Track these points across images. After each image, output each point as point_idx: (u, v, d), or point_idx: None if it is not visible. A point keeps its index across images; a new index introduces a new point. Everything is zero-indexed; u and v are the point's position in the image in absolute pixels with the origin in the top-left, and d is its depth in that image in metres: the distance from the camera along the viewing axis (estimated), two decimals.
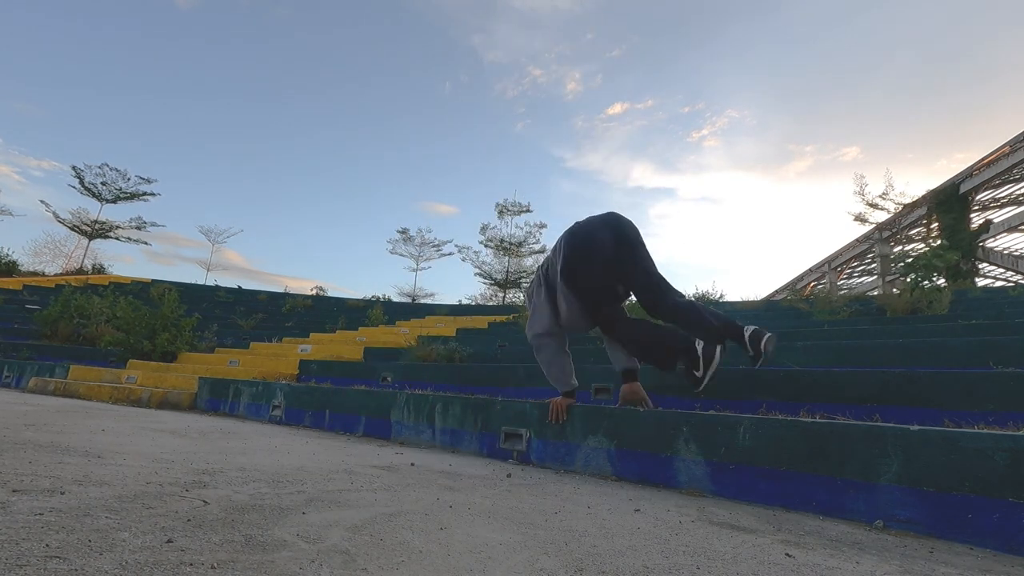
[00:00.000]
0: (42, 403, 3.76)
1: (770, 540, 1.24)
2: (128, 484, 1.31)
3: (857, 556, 1.15)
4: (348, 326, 9.85)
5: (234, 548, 0.89)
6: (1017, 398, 2.00)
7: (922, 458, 1.44)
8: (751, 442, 1.78)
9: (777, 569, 1.02)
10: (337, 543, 0.97)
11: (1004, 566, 1.15)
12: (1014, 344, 2.67)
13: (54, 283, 14.27)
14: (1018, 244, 15.52)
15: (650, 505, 1.60)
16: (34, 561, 0.74)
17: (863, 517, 1.50)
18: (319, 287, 20.90)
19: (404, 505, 1.35)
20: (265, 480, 1.53)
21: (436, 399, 2.89)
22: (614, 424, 2.16)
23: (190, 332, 7.19)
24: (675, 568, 0.99)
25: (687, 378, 2.39)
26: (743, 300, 9.45)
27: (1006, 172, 14.34)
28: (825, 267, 22.22)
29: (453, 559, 0.94)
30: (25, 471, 1.35)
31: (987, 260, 15.17)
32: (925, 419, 2.12)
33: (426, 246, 24.62)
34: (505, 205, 23.85)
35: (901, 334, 3.87)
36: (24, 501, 1.06)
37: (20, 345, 7.34)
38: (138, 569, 0.75)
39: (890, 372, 2.36)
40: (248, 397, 4.06)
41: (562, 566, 0.95)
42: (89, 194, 21.51)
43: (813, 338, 4.24)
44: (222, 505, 1.18)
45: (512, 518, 1.30)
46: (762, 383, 2.69)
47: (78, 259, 21.68)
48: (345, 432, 3.27)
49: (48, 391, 5.14)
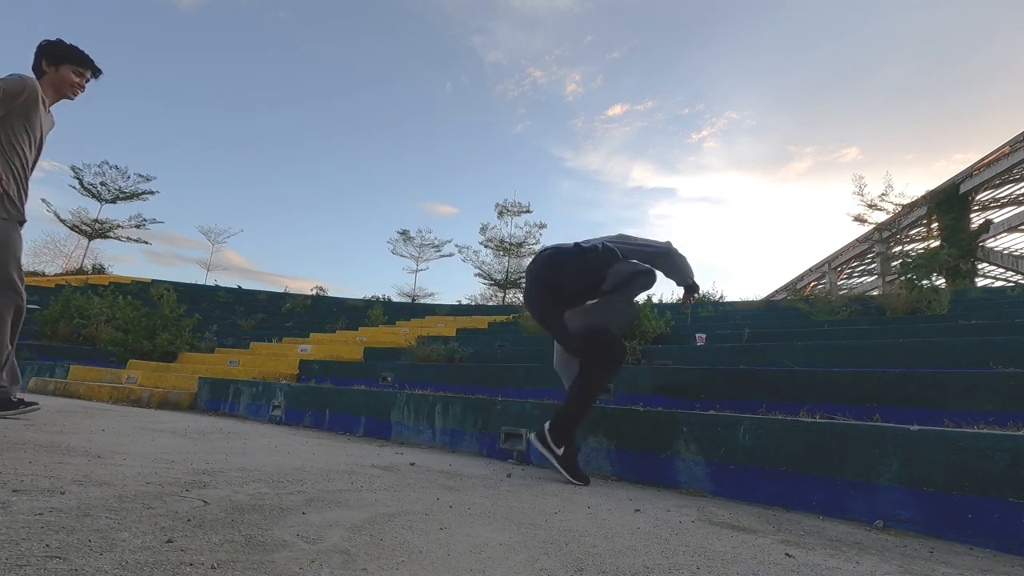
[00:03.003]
0: (42, 403, 3.76)
1: (770, 540, 1.24)
2: (128, 484, 1.31)
3: (857, 556, 1.15)
4: (348, 326, 9.85)
5: (234, 548, 0.89)
6: (1017, 398, 2.00)
7: (922, 458, 1.44)
8: (751, 442, 1.78)
9: (777, 569, 1.02)
10: (337, 543, 0.97)
11: (1004, 566, 1.15)
12: (1014, 344, 2.67)
13: (54, 283, 14.27)
14: (1018, 244, 15.51)
15: (650, 505, 1.60)
16: (34, 561, 0.74)
17: (863, 517, 1.50)
18: (319, 287, 20.89)
19: (404, 505, 1.35)
20: (265, 480, 1.53)
21: (436, 399, 2.89)
22: (614, 424, 2.16)
23: (190, 332, 7.19)
24: (675, 568, 0.99)
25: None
26: (743, 300, 9.45)
27: (1006, 172, 14.33)
28: (825, 267, 22.21)
29: (453, 559, 0.94)
30: (25, 471, 1.35)
31: (987, 260, 15.16)
32: (925, 419, 2.12)
33: (426, 246, 24.62)
34: (505, 205, 23.88)
35: (901, 334, 3.87)
36: (24, 501, 1.06)
37: (20, 345, 7.31)
38: (138, 569, 0.75)
39: (890, 372, 2.36)
40: (248, 397, 4.06)
41: (562, 566, 0.95)
42: (89, 194, 21.49)
43: (813, 338, 4.24)
44: (222, 505, 1.18)
45: (512, 518, 1.30)
46: (762, 383, 2.69)
47: (78, 259, 21.68)
48: (345, 432, 3.27)
49: (48, 391, 5.14)
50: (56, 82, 2.59)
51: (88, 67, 2.64)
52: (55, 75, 2.57)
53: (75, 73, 2.60)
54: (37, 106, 2.49)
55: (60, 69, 2.57)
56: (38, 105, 2.50)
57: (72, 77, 2.60)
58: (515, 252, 23.80)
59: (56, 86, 2.59)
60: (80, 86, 2.64)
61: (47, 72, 2.57)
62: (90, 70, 2.66)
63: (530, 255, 23.98)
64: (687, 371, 3.13)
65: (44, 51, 2.56)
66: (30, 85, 2.46)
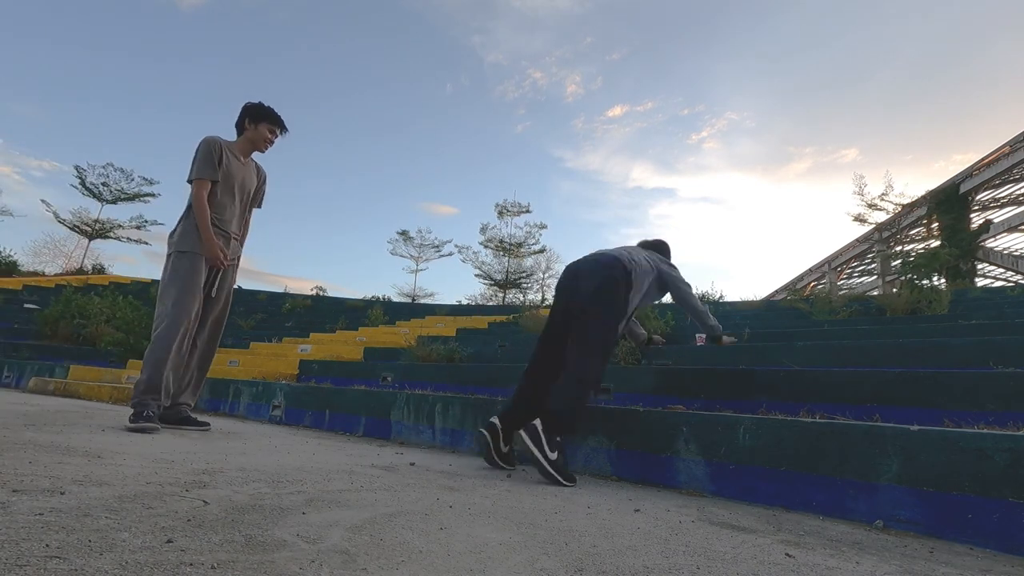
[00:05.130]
0: (42, 403, 3.76)
1: (770, 540, 1.24)
2: (128, 484, 1.31)
3: (857, 556, 1.15)
4: (348, 326, 9.85)
5: (234, 548, 0.89)
6: (1017, 398, 2.00)
7: (922, 458, 1.44)
8: (751, 442, 1.78)
9: (777, 569, 1.02)
10: (337, 543, 0.97)
11: (1004, 566, 1.15)
12: (1014, 344, 2.67)
13: (54, 283, 14.27)
14: (1018, 244, 15.52)
15: (650, 505, 1.60)
16: (34, 561, 0.74)
17: (863, 517, 1.50)
18: (319, 287, 20.86)
19: (404, 505, 1.35)
20: (265, 480, 1.53)
21: (436, 399, 2.89)
22: (614, 424, 2.16)
23: None
24: (675, 568, 0.99)
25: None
26: (743, 300, 9.44)
27: (1006, 172, 14.33)
28: (825, 267, 22.21)
29: (453, 559, 0.94)
30: (25, 471, 1.35)
31: (987, 260, 15.16)
32: (925, 419, 2.12)
33: (426, 247, 24.60)
34: (505, 205, 23.86)
35: (901, 334, 3.87)
36: (24, 501, 1.06)
37: (20, 345, 7.34)
38: (138, 569, 0.75)
39: (890, 372, 2.36)
40: (248, 397, 4.06)
41: (562, 566, 0.95)
42: (90, 195, 21.48)
43: (813, 338, 4.24)
44: (222, 505, 1.18)
45: (512, 518, 1.30)
46: (762, 383, 2.69)
47: (78, 259, 21.67)
48: (345, 432, 3.27)
49: (48, 391, 5.14)
50: (253, 138, 2.92)
51: (279, 126, 2.97)
52: (254, 132, 2.91)
53: (269, 131, 2.94)
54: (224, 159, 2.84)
55: (259, 127, 2.91)
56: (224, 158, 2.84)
57: (267, 134, 2.93)
58: (515, 252, 23.79)
59: (253, 141, 2.93)
60: (271, 142, 2.98)
61: (247, 128, 2.91)
62: (279, 128, 2.98)
63: (530, 255, 23.99)
64: (687, 371, 3.13)
65: (247, 111, 2.91)
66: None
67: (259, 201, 3.10)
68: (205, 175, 2.73)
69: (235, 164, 2.86)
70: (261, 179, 3.08)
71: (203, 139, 2.78)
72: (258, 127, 2.90)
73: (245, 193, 2.95)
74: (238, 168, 2.88)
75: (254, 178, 3.01)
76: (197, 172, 2.72)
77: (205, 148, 2.75)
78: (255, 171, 3.03)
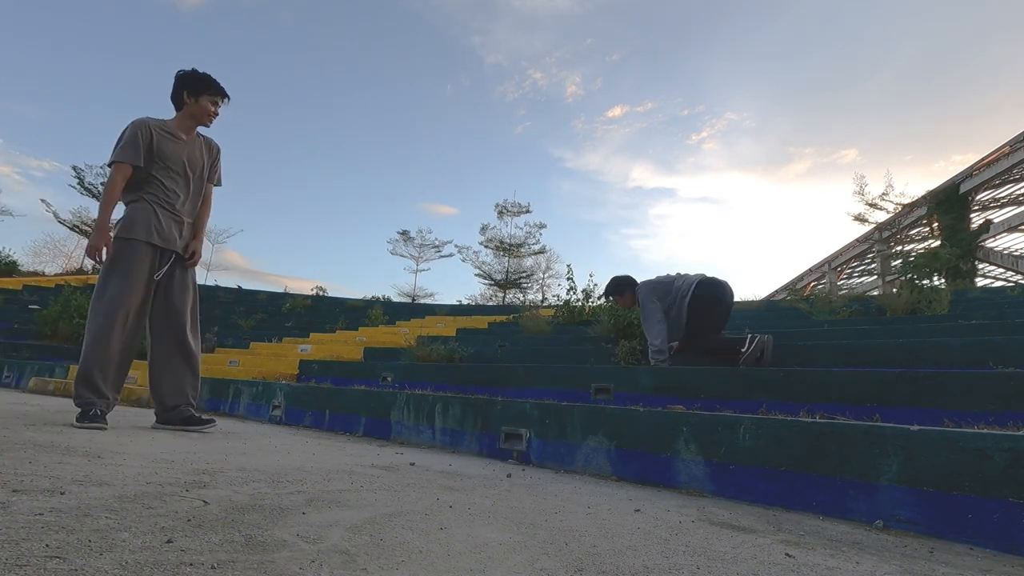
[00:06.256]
0: (42, 403, 3.76)
1: (770, 540, 1.24)
2: (128, 484, 1.31)
3: (857, 556, 1.15)
4: (348, 326, 9.85)
5: (234, 548, 0.89)
6: (1017, 398, 2.00)
7: (922, 458, 1.44)
8: (751, 442, 1.78)
9: (777, 569, 1.02)
10: (337, 543, 0.97)
11: (1004, 566, 1.15)
12: (1014, 344, 2.67)
13: (54, 283, 14.28)
14: (1018, 244, 15.51)
15: (650, 505, 1.60)
16: (34, 561, 0.74)
17: (863, 517, 1.50)
18: (319, 287, 20.86)
19: (404, 505, 1.35)
20: (265, 480, 1.53)
21: (436, 399, 2.89)
22: (614, 424, 2.16)
23: None
24: (675, 568, 0.99)
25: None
26: (743, 300, 9.43)
27: (1006, 172, 14.32)
28: (825, 267, 22.20)
29: (453, 559, 0.94)
30: (25, 471, 1.35)
31: (987, 260, 15.16)
32: (925, 419, 2.13)
33: (426, 247, 24.63)
34: (505, 206, 23.90)
35: (901, 334, 3.87)
36: (24, 501, 1.06)
37: (20, 345, 7.35)
38: (138, 569, 0.75)
39: (890, 372, 2.36)
40: (248, 397, 4.06)
41: (562, 566, 0.95)
42: (89, 194, 21.48)
43: (813, 338, 4.24)
44: (222, 505, 1.18)
45: (512, 518, 1.30)
46: (762, 383, 2.69)
47: (78, 259, 21.70)
48: (345, 432, 3.27)
49: (48, 391, 5.14)
50: (195, 112, 2.74)
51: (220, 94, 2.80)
52: (195, 106, 2.73)
53: (211, 103, 2.76)
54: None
55: (200, 100, 2.72)
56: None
57: (209, 108, 2.75)
58: (515, 252, 23.80)
59: (195, 116, 2.76)
60: (215, 114, 2.80)
61: (187, 103, 2.72)
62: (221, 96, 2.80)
63: (530, 255, 23.99)
64: (687, 371, 3.13)
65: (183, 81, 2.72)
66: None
67: (215, 178, 2.90)
68: (124, 158, 2.55)
69: (173, 144, 2.67)
70: (213, 154, 2.88)
71: (131, 122, 2.61)
72: (199, 100, 2.70)
73: (195, 172, 2.76)
74: (179, 148, 2.69)
75: (202, 155, 2.81)
76: (117, 155, 2.55)
77: (131, 131, 2.58)
78: (203, 147, 2.83)
